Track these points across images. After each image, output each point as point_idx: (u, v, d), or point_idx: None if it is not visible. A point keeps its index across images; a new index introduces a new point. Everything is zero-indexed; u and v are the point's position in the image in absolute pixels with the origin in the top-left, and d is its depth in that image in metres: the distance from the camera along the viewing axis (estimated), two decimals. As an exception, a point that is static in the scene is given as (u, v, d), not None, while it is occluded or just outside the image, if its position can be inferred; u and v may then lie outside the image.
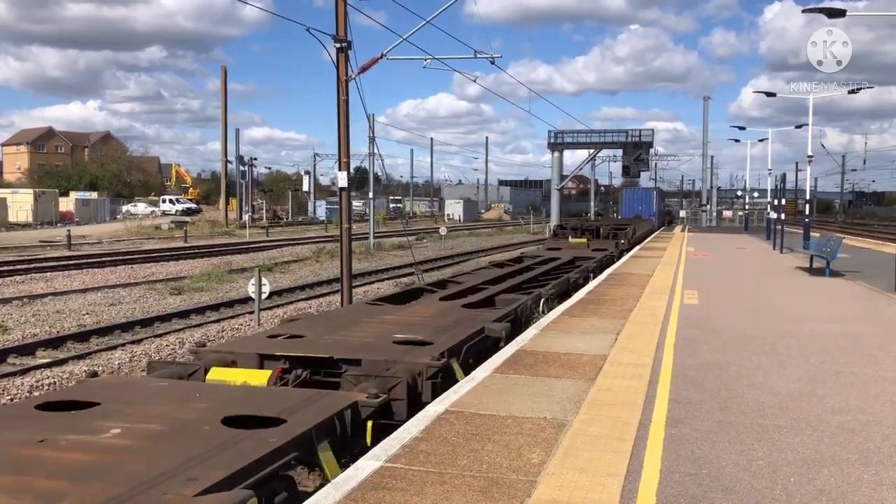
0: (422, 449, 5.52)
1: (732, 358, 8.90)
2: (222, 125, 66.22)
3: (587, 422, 6.25)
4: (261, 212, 74.76)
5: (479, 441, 5.71)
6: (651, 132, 61.23)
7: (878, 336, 10.63)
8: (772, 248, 29.89)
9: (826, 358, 9.04)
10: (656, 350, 9.24)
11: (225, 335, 15.24)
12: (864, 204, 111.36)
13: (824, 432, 6.12)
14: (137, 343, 14.33)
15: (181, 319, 17.04)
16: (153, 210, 78.64)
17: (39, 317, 16.99)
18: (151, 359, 11.22)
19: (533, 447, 5.59)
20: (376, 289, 23.16)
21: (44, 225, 57.63)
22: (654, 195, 61.90)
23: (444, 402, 6.78)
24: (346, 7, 17.22)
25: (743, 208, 79.54)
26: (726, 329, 10.91)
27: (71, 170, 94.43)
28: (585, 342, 9.72)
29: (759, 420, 6.42)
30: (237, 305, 19.01)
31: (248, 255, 35.85)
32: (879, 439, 5.96)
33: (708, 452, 5.58)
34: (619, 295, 14.69)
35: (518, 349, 9.25)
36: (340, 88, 16.82)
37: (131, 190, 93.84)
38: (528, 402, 6.80)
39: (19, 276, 24.57)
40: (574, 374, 7.96)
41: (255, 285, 15.50)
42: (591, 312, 12.38)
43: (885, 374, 8.26)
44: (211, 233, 53.64)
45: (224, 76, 66.57)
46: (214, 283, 23.81)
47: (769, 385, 7.63)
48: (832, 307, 13.66)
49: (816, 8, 17.17)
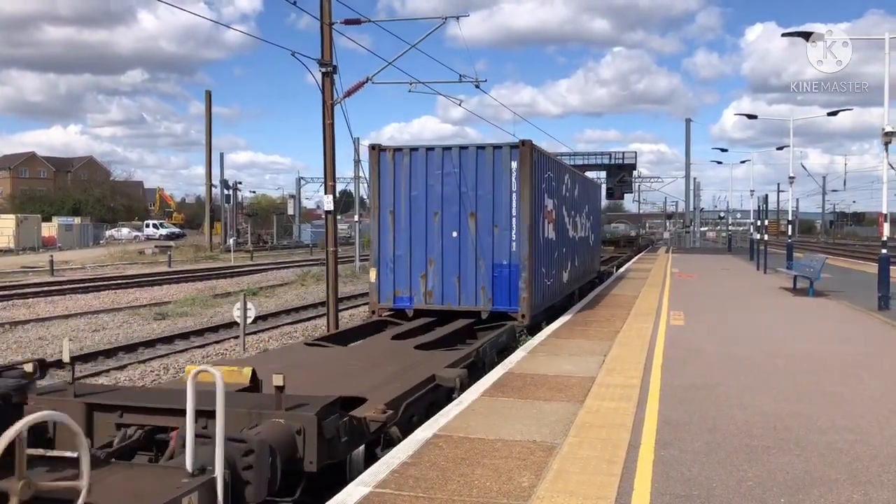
0: (411, 474, 5.48)
1: (720, 378, 8.92)
2: (206, 149, 66.17)
3: (577, 444, 6.23)
4: (245, 236, 74.52)
5: (468, 465, 5.67)
6: (634, 154, 61.99)
7: (863, 355, 10.70)
8: (756, 269, 30.09)
9: (812, 378, 9.08)
10: (644, 371, 9.25)
11: (210, 360, 15.11)
12: (845, 224, 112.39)
13: (813, 452, 6.13)
14: (121, 369, 14.17)
15: (166, 345, 16.88)
16: (137, 235, 78.10)
17: (21, 343, 16.78)
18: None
19: (523, 471, 5.56)
20: (362, 312, 23.08)
21: (26, 250, 57.09)
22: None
23: (433, 427, 6.74)
24: (331, 32, 17.31)
25: (726, 229, 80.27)
26: (713, 350, 10.94)
27: (54, 195, 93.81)
28: (573, 364, 9.72)
29: (747, 441, 6.43)
30: (222, 330, 18.86)
31: (233, 279, 35.66)
32: (867, 459, 5.97)
33: (698, 474, 5.57)
34: (605, 316, 14.73)
35: (506, 371, 9.23)
36: (326, 112, 16.85)
37: (115, 215, 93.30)
38: (518, 425, 6.77)
39: (0, 302, 24.30)
40: (563, 396, 7.95)
41: (240, 310, 15.41)
42: (579, 334, 12.40)
43: (871, 393, 8.30)
44: (195, 257, 53.34)
45: (208, 100, 66.60)
46: (199, 307, 23.63)
47: (757, 405, 7.64)
48: (817, 327, 13.75)
49: (796, 32, 17.44)
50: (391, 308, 13.72)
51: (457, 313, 13.18)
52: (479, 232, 13.13)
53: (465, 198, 13.20)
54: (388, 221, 13.52)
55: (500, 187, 13.00)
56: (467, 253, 13.20)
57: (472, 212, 13.15)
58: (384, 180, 13.55)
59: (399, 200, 13.49)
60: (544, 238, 14.45)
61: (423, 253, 13.38)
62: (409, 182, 13.41)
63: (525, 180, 12.87)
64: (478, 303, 13.25)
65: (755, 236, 35.99)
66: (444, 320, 13.02)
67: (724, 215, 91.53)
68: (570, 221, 18.21)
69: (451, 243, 13.28)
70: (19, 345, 16.65)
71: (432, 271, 13.36)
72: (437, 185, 13.28)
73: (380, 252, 13.65)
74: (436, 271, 13.35)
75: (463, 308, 13.28)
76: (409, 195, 13.41)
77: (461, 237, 13.22)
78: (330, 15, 17.03)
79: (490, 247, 13.09)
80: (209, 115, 66.10)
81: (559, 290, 16.63)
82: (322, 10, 17.36)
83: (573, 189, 18.57)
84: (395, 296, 13.60)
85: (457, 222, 13.20)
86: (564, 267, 17.41)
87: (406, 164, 13.43)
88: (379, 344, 10.75)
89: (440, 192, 13.29)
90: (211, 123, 64.71)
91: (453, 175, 13.22)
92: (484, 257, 13.13)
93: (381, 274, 13.63)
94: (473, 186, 13.17)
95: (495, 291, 13.10)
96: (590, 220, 22.65)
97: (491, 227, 13.06)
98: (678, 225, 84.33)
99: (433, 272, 13.36)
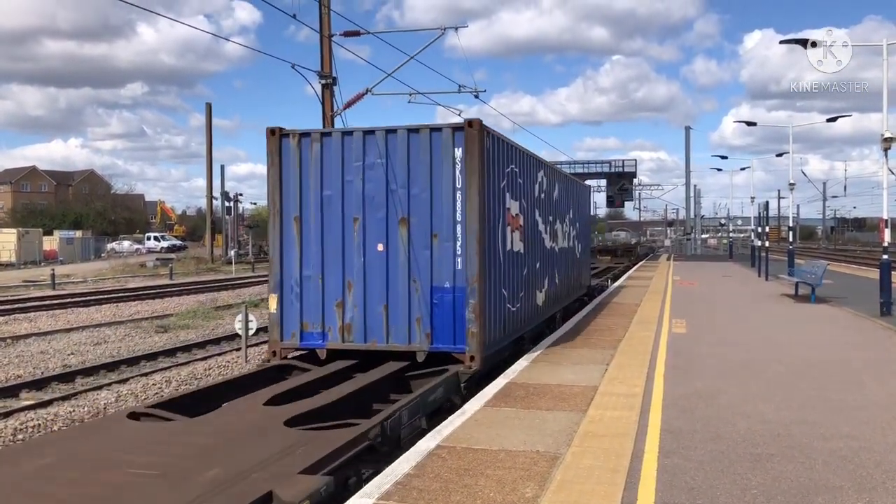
0: (414, 485, 5.47)
1: (722, 386, 8.91)
2: (207, 161, 66.31)
3: (580, 454, 6.22)
4: (247, 248, 74.57)
5: (472, 476, 5.67)
6: (634, 162, 62.18)
7: (865, 361, 10.68)
8: (757, 276, 30.08)
9: (815, 384, 9.07)
10: (647, 380, 9.24)
11: (212, 373, 15.10)
12: (845, 230, 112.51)
13: (817, 460, 6.12)
14: (123, 383, 14.16)
15: (168, 358, 16.87)
16: (138, 248, 78.16)
17: (23, 357, 16.78)
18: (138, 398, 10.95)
19: (526, 481, 5.55)
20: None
21: (27, 264, 57.16)
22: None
23: (436, 438, 6.73)
24: (330, 44, 17.40)
25: (727, 236, 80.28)
26: (715, 357, 10.93)
27: (55, 208, 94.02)
28: (576, 373, 9.71)
29: (751, 449, 6.42)
30: (224, 342, 18.86)
31: (235, 291, 35.67)
32: (871, 466, 5.96)
33: (702, 483, 5.56)
34: (607, 325, 14.72)
35: (508, 382, 9.23)
36: (326, 123, 16.92)
37: (116, 228, 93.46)
38: (521, 436, 6.77)
39: (2, 316, 24.30)
40: (565, 405, 7.95)
41: (241, 322, 15.42)
42: (581, 343, 12.39)
43: (874, 399, 8.29)
44: (196, 269, 53.37)
45: (209, 113, 66.78)
46: (201, 320, 23.64)
47: (760, 413, 7.63)
48: (819, 334, 13.73)
49: (794, 39, 17.55)
50: (298, 348, 10.62)
51: (385, 354, 10.19)
52: (413, 244, 10.11)
53: (395, 198, 10.18)
54: (293, 231, 10.53)
55: (441, 183, 10.05)
56: (397, 273, 10.16)
57: (403, 217, 10.14)
58: (288, 176, 10.56)
59: (307, 203, 10.50)
60: (506, 251, 11.34)
61: (339, 273, 10.37)
62: (321, 178, 10.43)
63: (474, 174, 9.87)
64: (412, 340, 10.09)
65: (756, 243, 36.00)
66: (368, 363, 10.03)
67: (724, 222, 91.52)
68: (546, 229, 14.78)
69: (377, 260, 10.25)
70: (21, 359, 16.66)
71: (351, 298, 10.32)
72: (356, 181, 10.30)
73: (282, 272, 10.57)
74: (356, 298, 10.31)
75: (392, 347, 10.18)
76: (320, 196, 10.44)
77: (389, 251, 10.21)
78: (329, 27, 17.13)
79: (428, 264, 10.07)
80: (209, 128, 66.25)
81: (531, 317, 13.18)
82: (321, 22, 17.47)
83: (551, 190, 15.39)
84: (302, 331, 10.50)
85: (383, 231, 10.23)
86: (539, 286, 13.98)
87: (316, 154, 10.44)
88: (239, 414, 7.73)
89: (361, 191, 10.30)
90: (211, 135, 64.80)
91: (379, 167, 10.22)
92: (420, 278, 10.07)
93: (283, 302, 10.55)
94: (405, 183, 10.15)
95: (435, 325, 10.00)
96: (576, 228, 19.18)
97: (428, 238, 10.06)
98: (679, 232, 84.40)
99: (353, 299, 10.32)
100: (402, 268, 10.14)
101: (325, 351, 10.39)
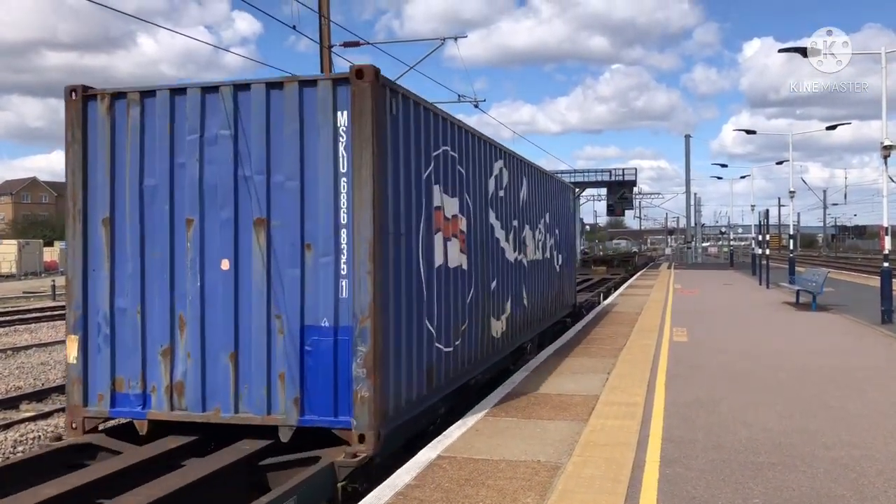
0: (415, 496, 5.46)
1: (723, 395, 8.90)
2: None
3: (581, 463, 6.21)
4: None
5: (473, 486, 5.66)
6: (634, 171, 62.14)
7: (867, 369, 10.67)
8: (758, 284, 30.06)
9: (816, 392, 9.06)
10: (648, 389, 9.23)
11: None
12: (846, 237, 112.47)
13: (818, 468, 6.10)
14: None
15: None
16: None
17: (24, 369, 16.76)
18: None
19: (528, 491, 5.54)
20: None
21: (28, 276, 57.19)
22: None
23: (437, 448, 6.72)
24: (330, 54, 17.45)
25: (728, 244, 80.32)
26: (716, 366, 10.92)
27: (55, 219, 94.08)
28: (577, 382, 9.70)
29: (752, 457, 6.40)
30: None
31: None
32: (873, 474, 5.95)
33: (703, 492, 5.55)
34: (607, 334, 14.71)
35: (509, 391, 9.21)
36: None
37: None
38: (522, 445, 6.75)
39: (2, 327, 24.28)
40: (566, 415, 7.93)
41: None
42: (582, 352, 12.38)
43: (876, 407, 8.27)
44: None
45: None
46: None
47: (761, 421, 7.62)
48: (820, 342, 13.72)
49: (793, 47, 17.62)
50: (108, 417, 7.39)
51: (233, 429, 6.80)
52: (275, 259, 6.76)
53: (249, 189, 6.82)
54: (102, 239, 7.31)
55: (317, 166, 6.68)
56: (251, 304, 6.80)
57: (260, 217, 6.81)
58: (95, 158, 7.31)
59: (122, 198, 7.22)
60: (435, 268, 8.00)
61: (166, 304, 7.03)
62: (141, 160, 7.14)
63: (368, 150, 6.49)
64: (272, 409, 6.72)
65: (757, 251, 35.99)
66: (216, 439, 6.90)
67: (725, 230, 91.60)
68: (509, 237, 11.40)
69: (221, 283, 6.89)
70: (21, 370, 16.64)
71: (184, 342, 6.97)
72: (191, 163, 7.00)
73: (86, 303, 7.44)
74: (191, 342, 6.95)
75: (243, 419, 6.79)
76: (139, 187, 7.16)
77: (240, 271, 6.84)
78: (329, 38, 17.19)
79: (297, 290, 6.70)
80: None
81: (482, 355, 9.82)
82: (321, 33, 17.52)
83: (516, 187, 12.02)
84: (114, 391, 7.22)
85: (230, 239, 6.88)
86: (496, 311, 10.58)
87: (135, 125, 7.14)
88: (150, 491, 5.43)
89: (198, 179, 6.97)
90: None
91: (225, 143, 6.90)
92: (285, 312, 6.71)
93: (88, 347, 7.41)
94: (263, 166, 6.80)
95: (307, 384, 6.65)
96: (555, 236, 15.84)
97: (299, 250, 6.71)
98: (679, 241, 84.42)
99: (186, 343, 6.97)
100: (259, 296, 6.78)
101: (145, 423, 7.05)
